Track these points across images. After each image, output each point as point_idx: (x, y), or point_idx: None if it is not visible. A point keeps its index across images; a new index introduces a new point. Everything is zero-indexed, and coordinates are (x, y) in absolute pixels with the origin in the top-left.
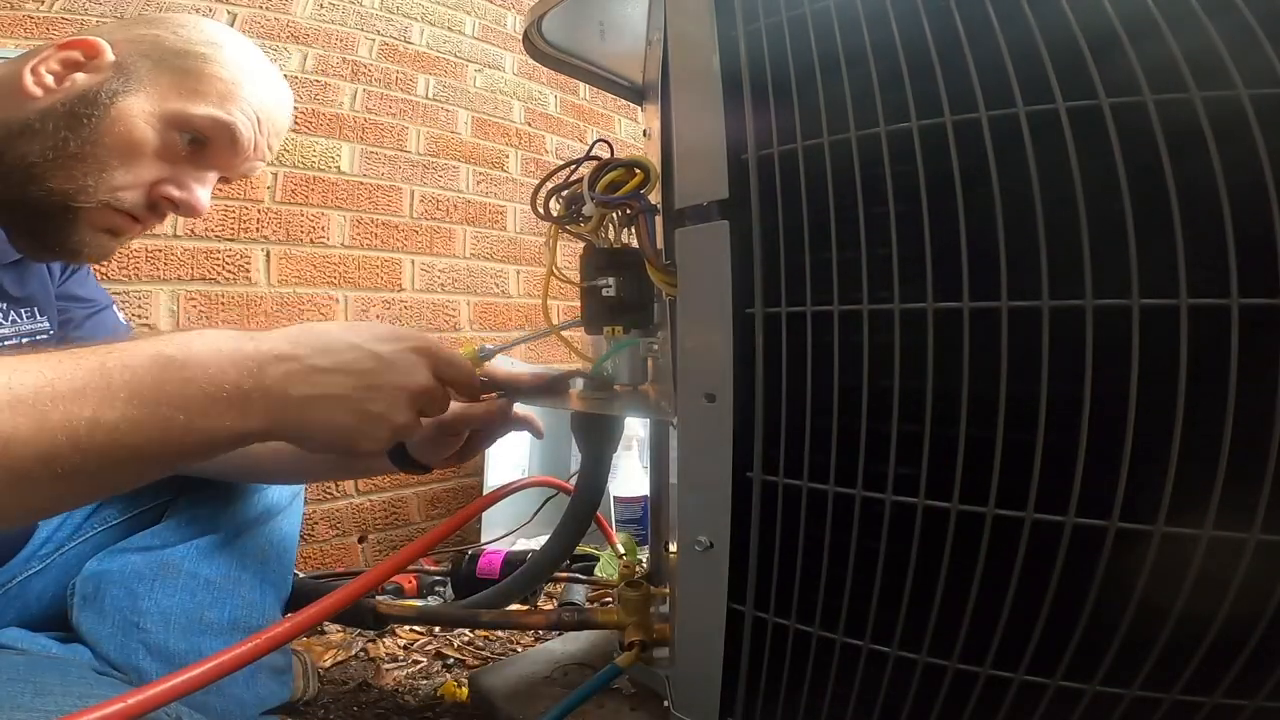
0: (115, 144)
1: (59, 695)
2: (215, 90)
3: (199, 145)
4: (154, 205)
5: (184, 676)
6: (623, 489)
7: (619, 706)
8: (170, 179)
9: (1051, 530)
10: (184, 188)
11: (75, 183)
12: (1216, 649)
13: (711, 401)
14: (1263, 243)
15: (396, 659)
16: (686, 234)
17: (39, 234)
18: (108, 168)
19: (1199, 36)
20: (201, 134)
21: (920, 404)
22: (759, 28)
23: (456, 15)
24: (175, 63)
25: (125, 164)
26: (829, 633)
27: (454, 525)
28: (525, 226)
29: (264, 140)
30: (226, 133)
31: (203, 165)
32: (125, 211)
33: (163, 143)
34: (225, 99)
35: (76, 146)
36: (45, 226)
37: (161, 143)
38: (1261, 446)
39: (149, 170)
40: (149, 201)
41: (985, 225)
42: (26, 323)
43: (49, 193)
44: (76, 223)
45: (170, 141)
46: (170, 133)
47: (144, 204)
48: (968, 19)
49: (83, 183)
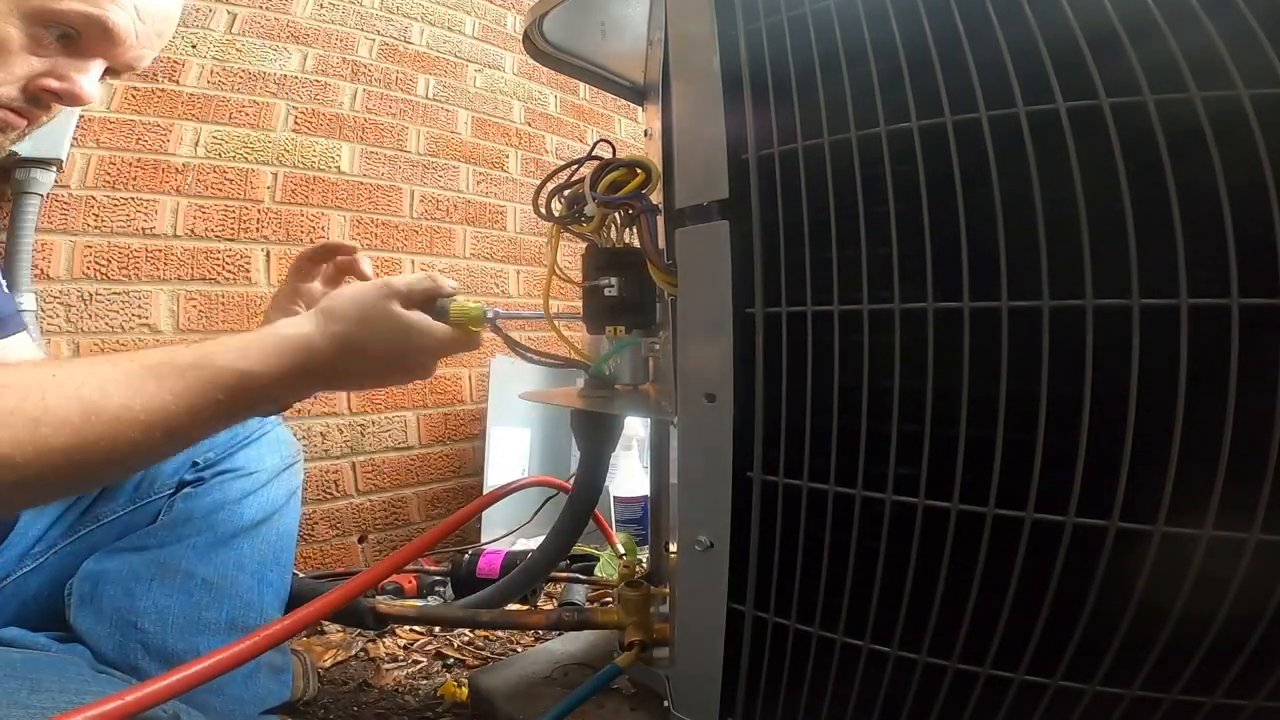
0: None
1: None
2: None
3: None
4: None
5: (182, 674)
6: (623, 489)
7: (619, 706)
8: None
9: (1051, 530)
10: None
11: None
12: (1216, 649)
13: (711, 401)
14: (1263, 243)
15: (396, 659)
16: (687, 234)
17: None
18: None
19: (1199, 36)
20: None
21: (920, 404)
22: (759, 27)
23: (456, 15)
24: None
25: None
26: (829, 633)
27: (454, 525)
28: (525, 226)
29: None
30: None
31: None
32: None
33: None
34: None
35: None
36: None
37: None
38: (1261, 446)
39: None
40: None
41: (985, 225)
42: None
43: None
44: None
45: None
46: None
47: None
48: (968, 19)
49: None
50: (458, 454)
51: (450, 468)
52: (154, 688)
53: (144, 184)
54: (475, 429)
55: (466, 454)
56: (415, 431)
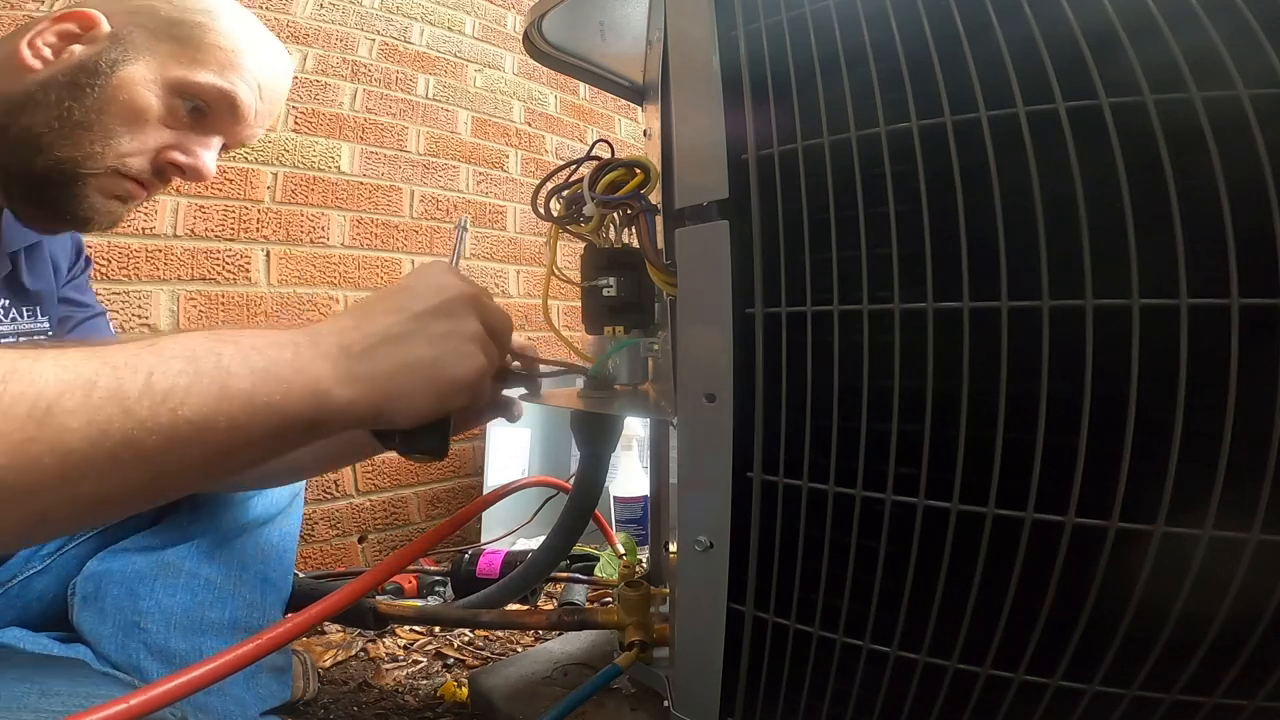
0: (120, 111)
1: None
2: (215, 59)
3: (201, 113)
4: (160, 171)
5: (186, 677)
6: (623, 489)
7: (619, 706)
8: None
9: (1051, 530)
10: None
11: (82, 149)
12: (1216, 649)
13: (711, 401)
14: (1263, 243)
15: (396, 659)
16: (686, 234)
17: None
18: (114, 134)
19: (1199, 36)
20: (203, 101)
21: (920, 404)
22: (759, 27)
23: (456, 15)
24: (172, 31)
25: (130, 130)
26: (829, 633)
27: (454, 525)
28: (525, 226)
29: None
30: (227, 101)
31: (204, 131)
32: (132, 177)
33: (166, 109)
34: (225, 67)
35: (81, 115)
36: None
37: (165, 109)
38: (1261, 446)
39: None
40: (155, 167)
41: (985, 225)
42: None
43: (57, 162)
44: (85, 190)
45: (173, 108)
46: (173, 99)
47: (150, 170)
48: (967, 18)
49: (89, 149)
50: (458, 454)
51: (450, 468)
52: (159, 691)
53: None
54: (475, 429)
55: (466, 454)
56: None
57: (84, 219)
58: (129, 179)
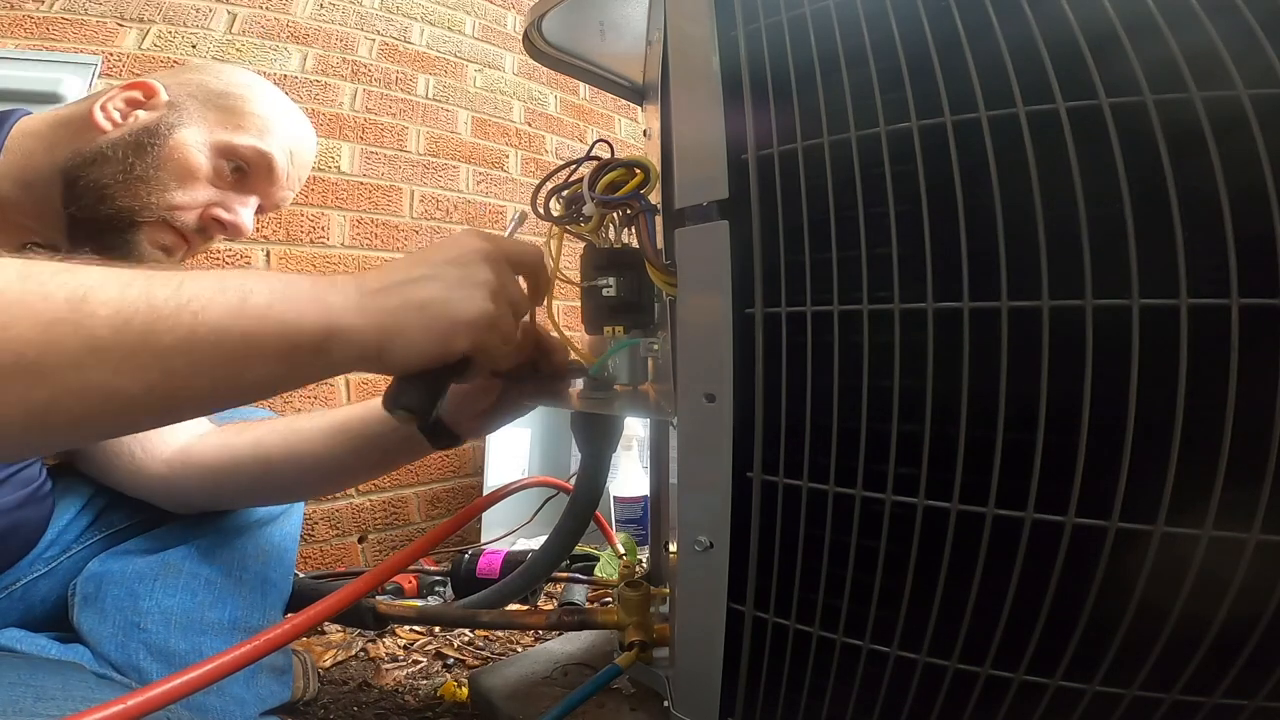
0: (174, 168)
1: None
2: (254, 125)
3: (241, 173)
4: (204, 228)
5: (185, 678)
6: (623, 489)
7: (619, 706)
8: (219, 202)
9: (1051, 530)
10: (231, 210)
11: (139, 200)
12: (1216, 649)
13: (711, 401)
14: (1263, 242)
15: (396, 659)
16: (686, 234)
17: (105, 249)
18: (167, 188)
19: (1199, 36)
20: (245, 161)
21: (920, 404)
22: (759, 28)
23: (456, 15)
24: (219, 101)
25: (182, 185)
26: (829, 633)
27: (454, 525)
28: (525, 226)
29: (295, 172)
30: (265, 161)
31: (244, 190)
32: (179, 230)
33: (213, 169)
34: (263, 132)
35: (141, 170)
36: (112, 241)
37: (212, 169)
38: (1261, 446)
39: (202, 193)
40: (200, 223)
41: (985, 225)
42: None
43: (117, 210)
44: (138, 237)
45: (219, 168)
46: (219, 160)
47: (195, 225)
48: (967, 19)
49: (145, 200)
50: (457, 454)
51: (450, 468)
52: (157, 692)
53: None
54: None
55: (466, 454)
56: None
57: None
58: (175, 231)
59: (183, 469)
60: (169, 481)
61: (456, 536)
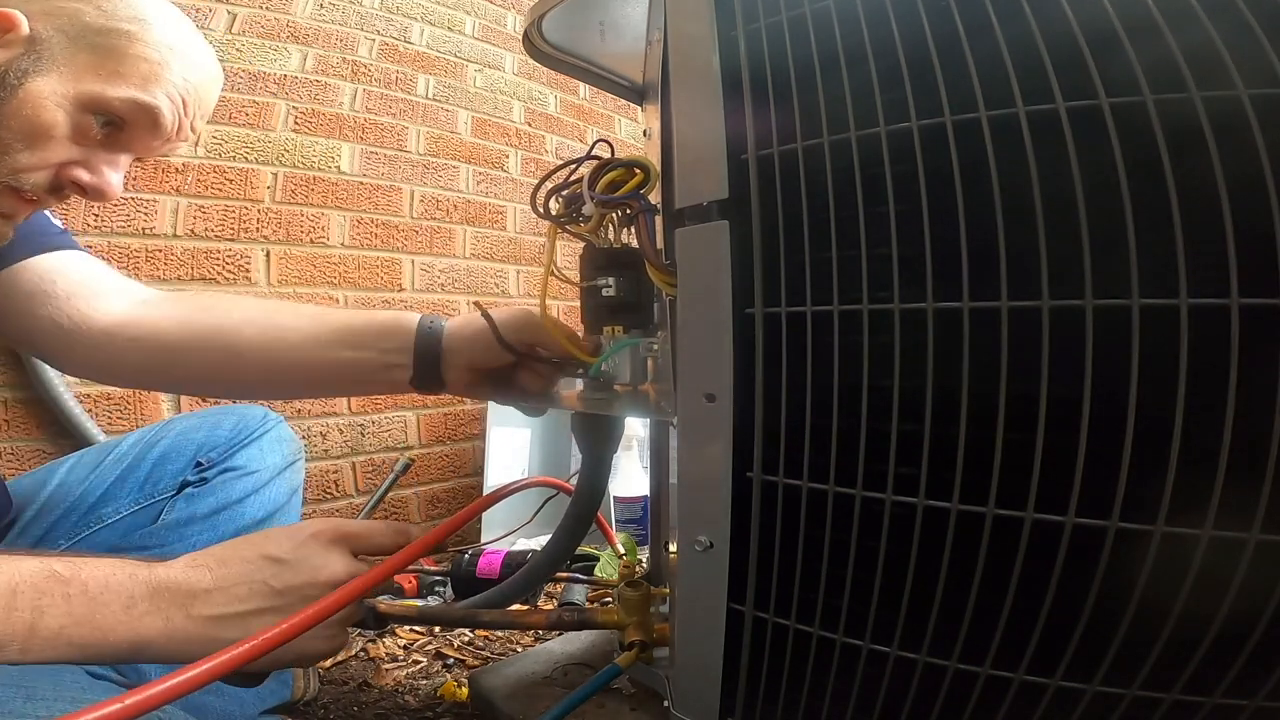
0: (20, 126)
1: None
2: (138, 71)
3: (115, 128)
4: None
5: (181, 678)
6: (623, 489)
7: (619, 706)
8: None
9: (1051, 530)
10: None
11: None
12: (1216, 649)
13: (711, 401)
14: (1263, 242)
15: (396, 659)
16: (686, 234)
17: None
18: (10, 150)
19: (1199, 36)
20: (119, 117)
21: (920, 404)
22: (759, 27)
23: (456, 15)
24: (95, 40)
25: (30, 147)
26: (829, 632)
27: (454, 526)
28: (525, 226)
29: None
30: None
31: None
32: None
33: (74, 126)
34: (148, 80)
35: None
36: None
37: (73, 126)
38: (1261, 446)
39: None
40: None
41: (985, 225)
42: None
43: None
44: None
45: (83, 125)
46: (84, 115)
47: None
48: (967, 19)
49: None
50: (457, 454)
51: (450, 467)
52: (153, 692)
53: (144, 184)
54: (475, 429)
55: (466, 454)
56: (415, 431)
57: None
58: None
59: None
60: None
61: (456, 536)
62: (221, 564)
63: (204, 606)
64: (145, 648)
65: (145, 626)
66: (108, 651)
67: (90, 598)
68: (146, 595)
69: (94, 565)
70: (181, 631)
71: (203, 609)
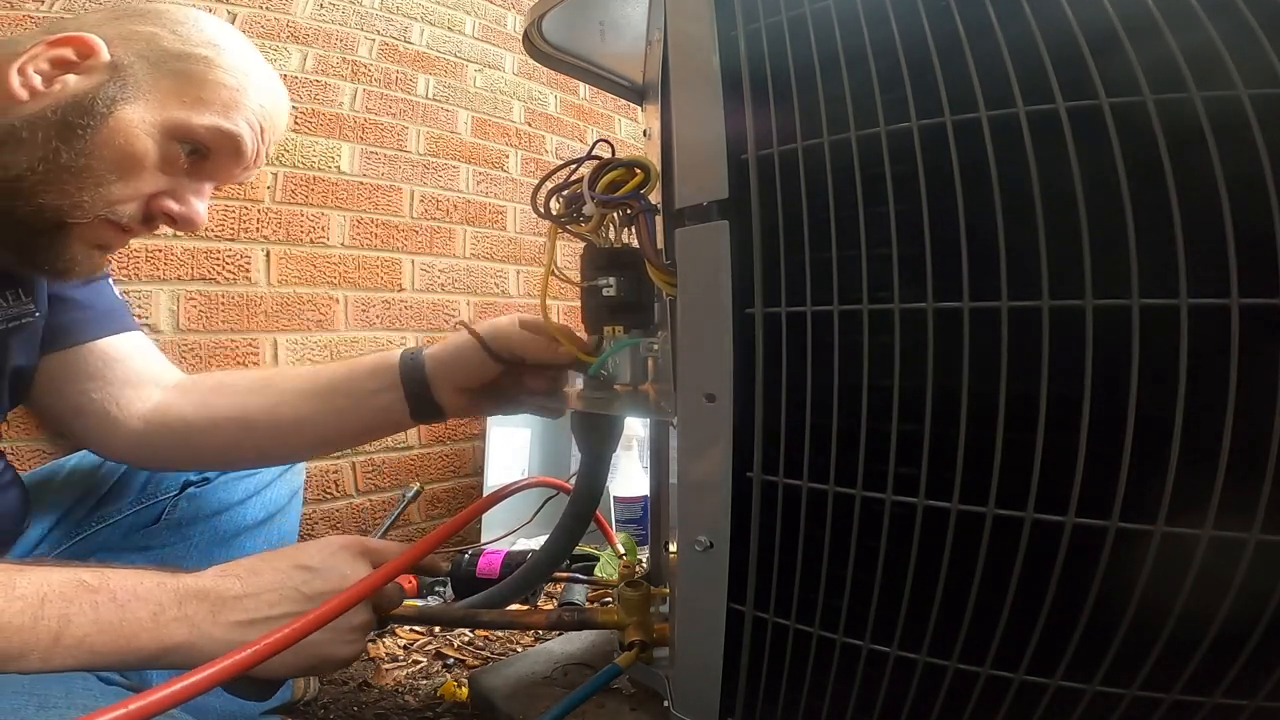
0: (114, 157)
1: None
2: (219, 98)
3: (200, 156)
4: (149, 218)
5: (185, 682)
6: (623, 489)
7: (619, 706)
8: (169, 191)
9: (1052, 530)
10: (183, 201)
11: (69, 198)
12: (1216, 649)
13: (711, 401)
14: (1263, 242)
15: (396, 659)
16: (686, 234)
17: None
18: (104, 181)
19: (1199, 36)
20: (204, 145)
21: (920, 404)
22: (759, 28)
23: (456, 15)
24: (176, 65)
25: (123, 177)
26: (829, 633)
27: (454, 527)
28: (525, 226)
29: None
30: (231, 143)
31: (201, 176)
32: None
33: (163, 155)
34: (229, 107)
35: (69, 159)
36: (34, 244)
37: (161, 155)
38: (1262, 446)
39: (148, 183)
40: (145, 214)
41: (985, 225)
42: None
43: (39, 209)
44: (68, 239)
45: (171, 153)
46: (171, 144)
47: (140, 217)
48: (967, 19)
49: (77, 198)
50: (458, 454)
51: (450, 468)
52: (157, 696)
53: None
54: (475, 429)
55: (466, 454)
56: (415, 431)
57: (63, 269)
58: (115, 226)
59: (160, 427)
60: (146, 439)
61: (456, 536)
62: (252, 573)
63: (233, 612)
64: (169, 654)
65: (171, 633)
66: (130, 658)
67: (118, 605)
68: (174, 602)
69: (121, 575)
70: (207, 637)
71: (231, 614)
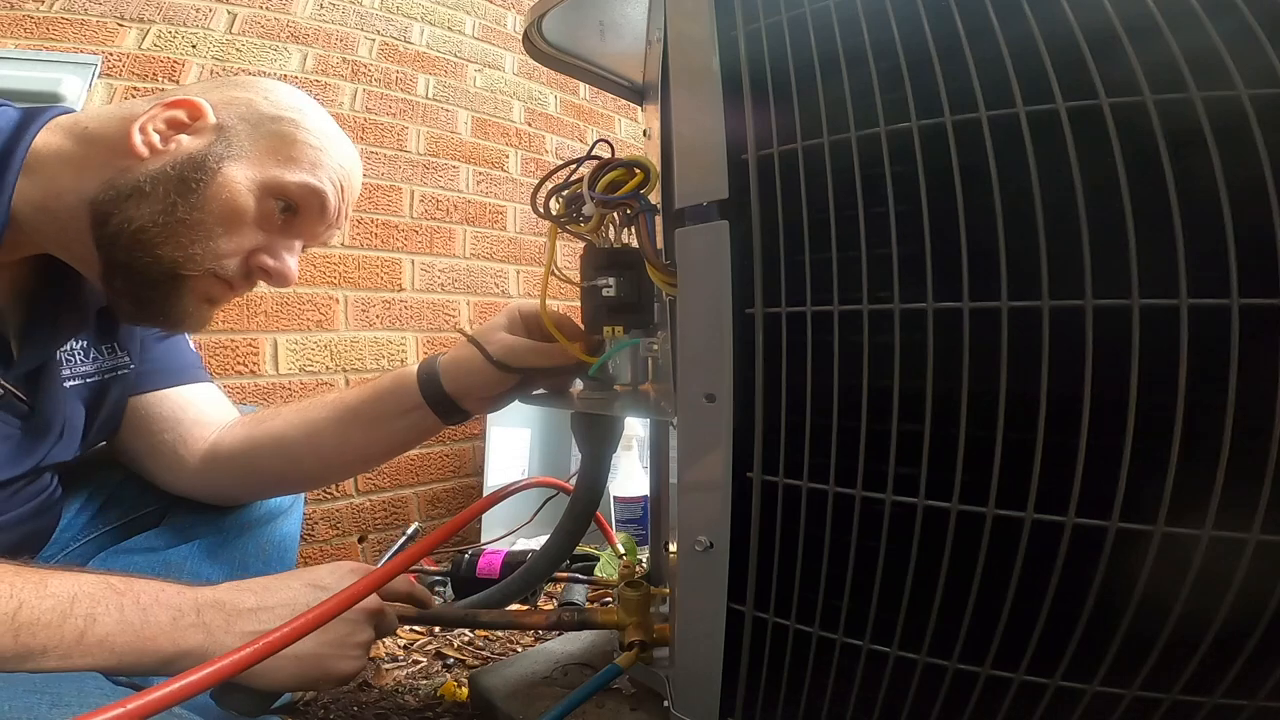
0: (220, 211)
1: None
2: (306, 157)
3: (291, 213)
4: (249, 273)
5: (187, 680)
6: (623, 489)
7: (619, 706)
8: (265, 248)
9: (1052, 530)
10: (278, 257)
11: (183, 250)
12: (1216, 649)
13: (711, 401)
14: (1263, 242)
15: (396, 659)
16: (686, 234)
17: (145, 301)
18: (213, 235)
19: (1199, 36)
20: (294, 202)
21: (920, 404)
22: (759, 28)
23: (456, 15)
24: (271, 127)
25: (228, 231)
26: (829, 633)
27: (454, 527)
28: (525, 226)
29: (345, 207)
30: (317, 199)
31: (292, 234)
32: (225, 279)
33: (260, 211)
34: (315, 165)
35: (184, 212)
36: (152, 294)
37: (259, 211)
38: (1261, 446)
39: (249, 238)
40: (245, 269)
41: (985, 225)
42: (108, 359)
43: (157, 260)
44: (182, 291)
45: (267, 209)
46: (267, 200)
47: (242, 272)
48: (968, 19)
49: (190, 250)
50: (457, 454)
51: (450, 468)
52: (160, 694)
53: None
54: (475, 429)
55: (466, 454)
56: None
57: (178, 320)
58: (222, 281)
59: (215, 464)
60: (205, 476)
61: (456, 536)
62: (265, 589)
63: (247, 623)
64: (184, 658)
65: (188, 638)
66: (146, 660)
67: (141, 608)
68: (193, 609)
69: (145, 582)
70: (221, 645)
71: (245, 624)
